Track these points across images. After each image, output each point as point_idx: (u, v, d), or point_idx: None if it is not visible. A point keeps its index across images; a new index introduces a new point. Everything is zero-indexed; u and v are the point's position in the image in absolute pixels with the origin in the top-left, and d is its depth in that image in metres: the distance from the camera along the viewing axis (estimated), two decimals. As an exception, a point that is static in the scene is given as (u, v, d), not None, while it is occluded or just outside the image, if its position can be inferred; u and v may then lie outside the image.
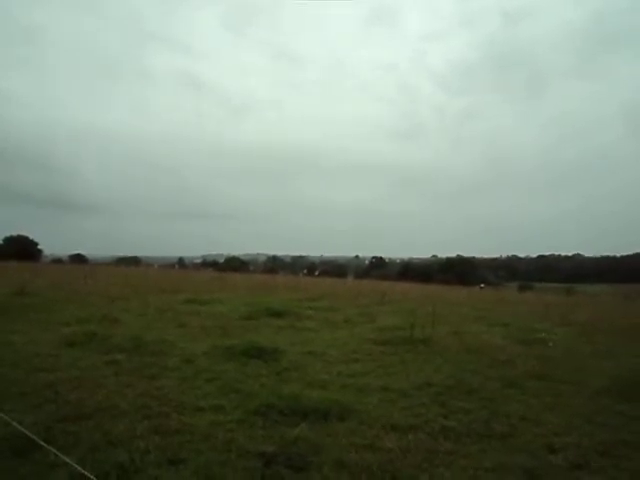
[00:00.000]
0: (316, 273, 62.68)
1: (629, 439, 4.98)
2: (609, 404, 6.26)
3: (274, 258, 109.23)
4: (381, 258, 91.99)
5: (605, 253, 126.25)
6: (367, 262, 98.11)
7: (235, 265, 63.56)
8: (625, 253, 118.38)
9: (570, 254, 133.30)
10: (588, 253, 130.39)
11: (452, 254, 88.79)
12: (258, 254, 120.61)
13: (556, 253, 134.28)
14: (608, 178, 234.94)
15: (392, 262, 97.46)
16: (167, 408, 5.18)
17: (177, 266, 58.82)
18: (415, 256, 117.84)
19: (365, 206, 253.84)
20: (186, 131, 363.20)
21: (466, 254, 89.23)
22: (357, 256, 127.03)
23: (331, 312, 13.77)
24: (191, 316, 11.74)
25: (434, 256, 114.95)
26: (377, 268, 77.14)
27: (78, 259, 52.77)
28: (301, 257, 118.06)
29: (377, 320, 12.51)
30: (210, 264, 69.14)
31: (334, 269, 73.43)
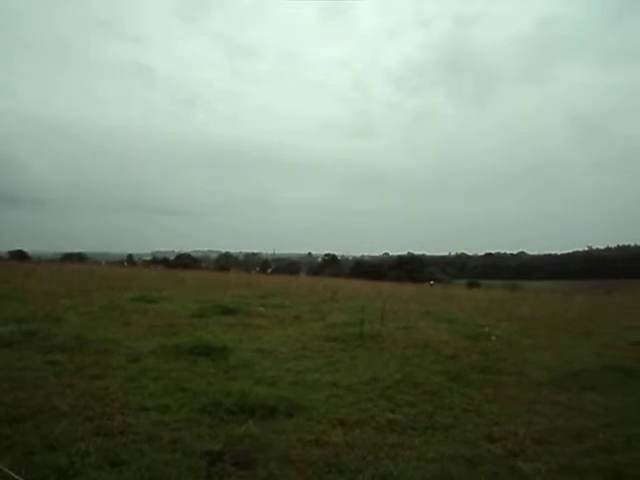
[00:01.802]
0: (269, 270, 62.43)
1: (564, 427, 5.27)
2: (547, 394, 6.58)
3: (226, 255, 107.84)
4: (334, 255, 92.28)
5: (547, 251, 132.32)
6: (320, 259, 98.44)
7: (186, 262, 62.35)
8: (565, 251, 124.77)
9: (515, 252, 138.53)
10: (532, 251, 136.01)
11: (403, 252, 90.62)
12: (210, 251, 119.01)
13: (502, 251, 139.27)
14: (551, 181, 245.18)
15: (345, 260, 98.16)
16: (110, 409, 5.04)
17: (126, 263, 57.06)
18: (367, 254, 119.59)
19: (318, 203, 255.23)
20: (136, 123, 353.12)
21: (417, 252, 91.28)
22: (310, 253, 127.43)
23: (282, 309, 13.75)
24: (138, 314, 11.44)
25: (386, 254, 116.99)
26: (330, 265, 77.31)
27: (19, 256, 50.15)
28: (254, 254, 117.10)
29: (328, 317, 12.59)
30: (160, 261, 67.55)
31: (287, 266, 73.30)
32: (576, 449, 4.64)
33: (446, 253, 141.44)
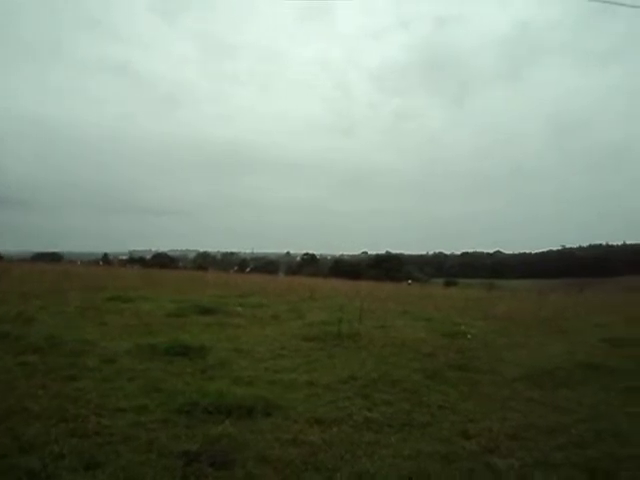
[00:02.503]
0: (247, 270, 62.14)
1: (537, 423, 5.38)
2: (521, 391, 6.71)
3: (204, 254, 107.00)
4: (312, 255, 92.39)
5: (522, 250, 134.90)
6: (298, 259, 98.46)
7: (163, 261, 61.71)
8: (540, 250, 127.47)
9: (491, 251, 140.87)
10: (507, 250, 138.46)
11: (381, 251, 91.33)
12: (187, 250, 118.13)
13: (479, 250, 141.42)
14: (529, 181, 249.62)
15: (323, 259, 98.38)
16: (85, 410, 4.96)
17: (101, 262, 56.13)
18: (346, 253, 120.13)
19: (297, 203, 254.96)
20: (115, 121, 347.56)
21: (395, 251, 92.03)
22: (288, 253, 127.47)
23: (260, 309, 13.70)
24: (114, 314, 11.28)
25: (364, 253, 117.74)
26: (308, 265, 77.44)
27: (-10, 255, 48.94)
28: (232, 253, 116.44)
29: (306, 316, 12.59)
30: (137, 260, 66.75)
31: (265, 266, 73.19)
32: (549, 444, 4.74)
33: (424, 252, 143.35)
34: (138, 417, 4.91)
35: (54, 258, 53.24)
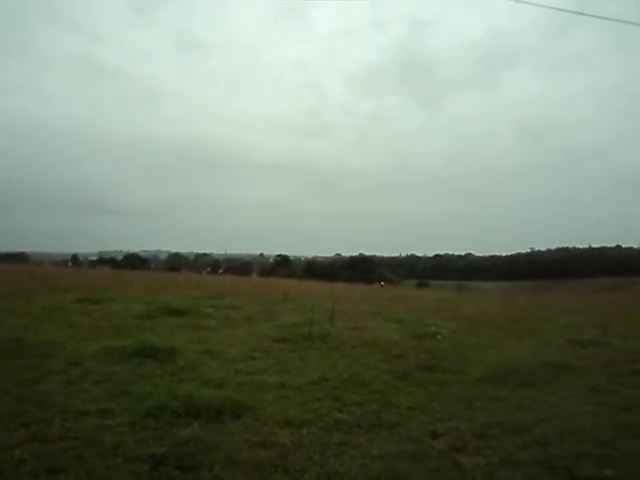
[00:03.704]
0: (220, 271, 61.71)
1: (502, 421, 5.48)
2: (488, 390, 6.82)
3: (176, 255, 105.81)
4: (286, 256, 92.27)
5: (493, 252, 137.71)
6: (271, 260, 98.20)
7: (134, 262, 60.73)
8: (509, 253, 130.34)
9: (463, 253, 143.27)
10: (478, 253, 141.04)
11: (355, 253, 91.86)
12: (159, 251, 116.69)
13: (450, 252, 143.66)
14: (500, 185, 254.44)
15: (297, 260, 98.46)
16: (49, 414, 4.86)
17: (70, 263, 54.88)
18: (319, 255, 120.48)
19: (270, 204, 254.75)
20: (83, 119, 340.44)
21: (368, 253, 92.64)
22: (262, 254, 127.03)
23: (232, 310, 13.59)
24: (82, 316, 11.04)
25: (338, 254, 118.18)
26: (281, 266, 77.26)
27: (-49, 255, 47.34)
28: (205, 254, 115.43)
29: (278, 318, 12.56)
30: (107, 261, 65.61)
31: (239, 267, 72.77)
32: (514, 443, 4.83)
33: (396, 254, 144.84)
34: (104, 421, 4.82)
35: (21, 258, 51.84)
